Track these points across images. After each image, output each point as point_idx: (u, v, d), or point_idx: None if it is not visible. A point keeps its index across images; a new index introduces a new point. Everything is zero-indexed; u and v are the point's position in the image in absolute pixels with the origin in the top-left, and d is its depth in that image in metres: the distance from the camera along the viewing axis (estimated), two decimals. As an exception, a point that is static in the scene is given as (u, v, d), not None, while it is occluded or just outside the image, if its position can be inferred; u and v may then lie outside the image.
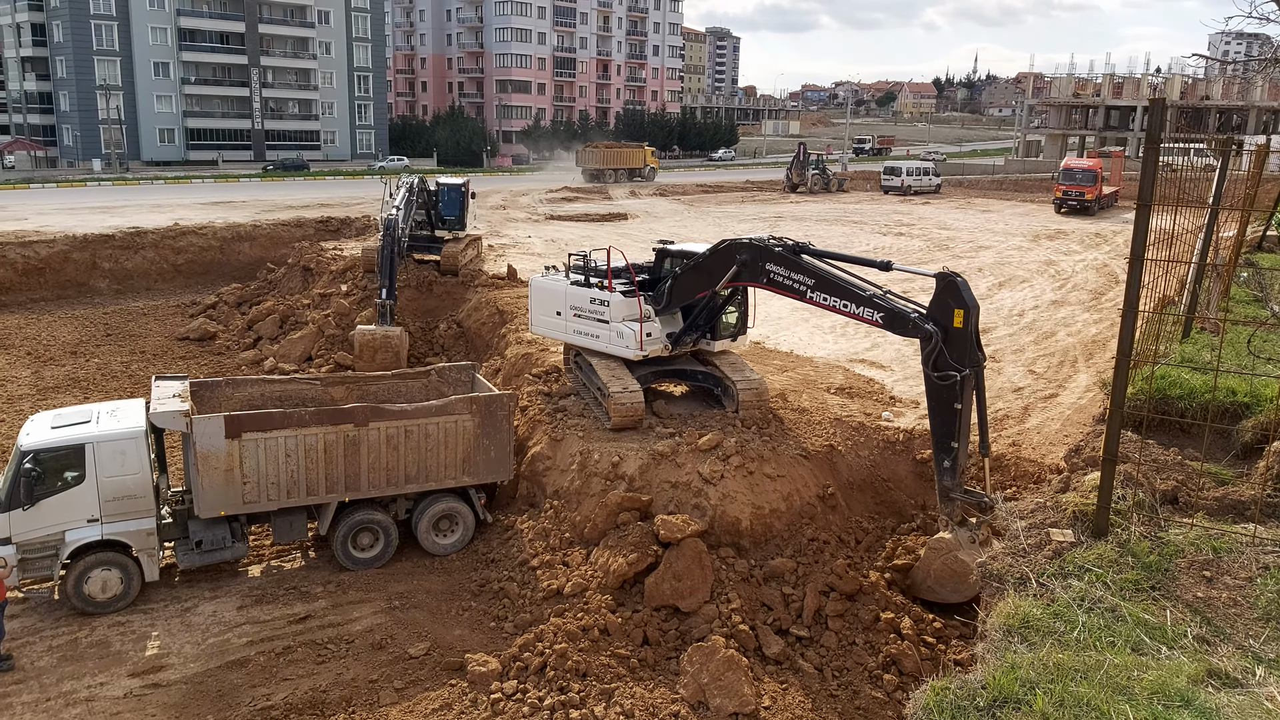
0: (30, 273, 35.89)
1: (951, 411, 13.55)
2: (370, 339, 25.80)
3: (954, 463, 13.76)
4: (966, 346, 13.28)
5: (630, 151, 78.17)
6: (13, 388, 25.42)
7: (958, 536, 13.95)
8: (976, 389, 13.57)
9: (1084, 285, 31.89)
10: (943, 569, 14.24)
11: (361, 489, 16.14)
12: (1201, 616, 7.19)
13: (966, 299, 13.24)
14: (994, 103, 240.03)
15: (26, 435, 14.93)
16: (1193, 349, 14.39)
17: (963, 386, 13.40)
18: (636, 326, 17.08)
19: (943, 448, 13.83)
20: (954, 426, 13.60)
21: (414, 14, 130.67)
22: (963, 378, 13.32)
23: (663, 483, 15.64)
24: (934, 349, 13.36)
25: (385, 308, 26.28)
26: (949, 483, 13.90)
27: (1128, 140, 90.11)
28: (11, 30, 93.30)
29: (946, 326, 13.31)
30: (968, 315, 13.21)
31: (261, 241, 41.17)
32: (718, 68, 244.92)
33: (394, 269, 26.55)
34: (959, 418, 13.54)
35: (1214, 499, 9.38)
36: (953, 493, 13.94)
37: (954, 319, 13.25)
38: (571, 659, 12.96)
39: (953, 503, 14.05)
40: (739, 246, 15.79)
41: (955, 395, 13.40)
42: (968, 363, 13.29)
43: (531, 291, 19.52)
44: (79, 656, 13.62)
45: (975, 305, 13.37)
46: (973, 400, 13.61)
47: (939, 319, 13.38)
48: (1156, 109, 7.93)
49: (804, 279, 14.83)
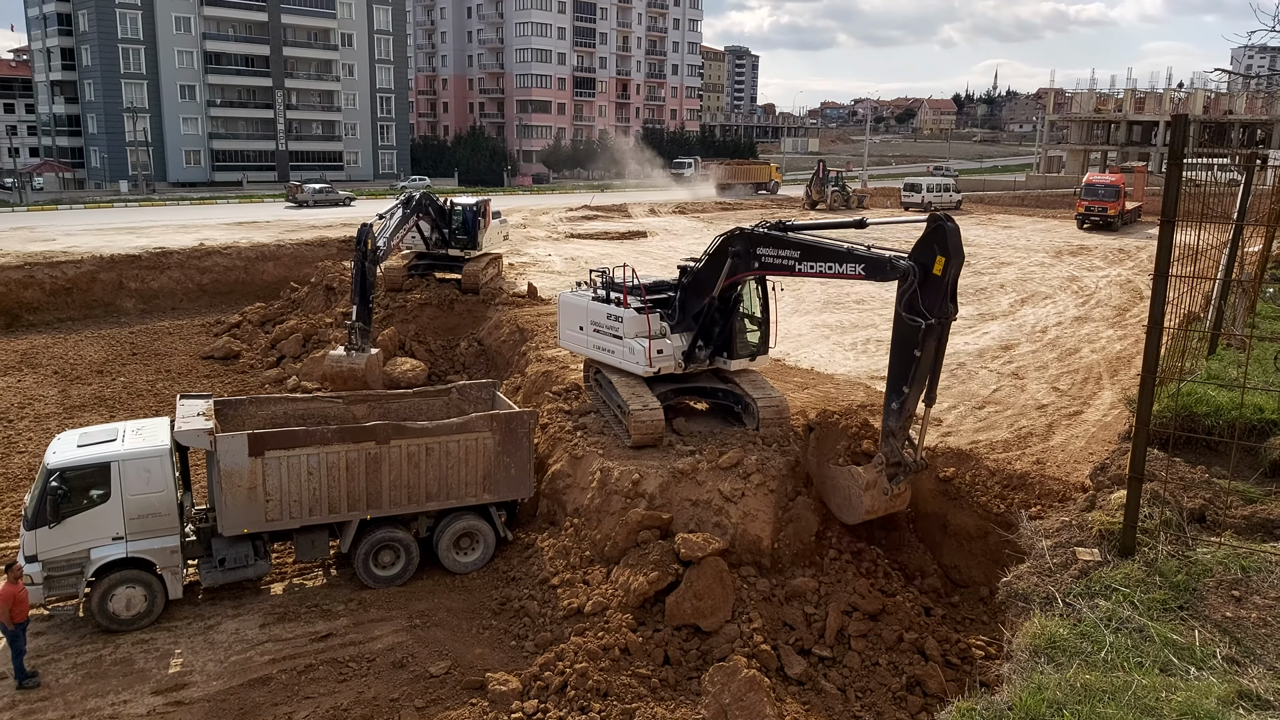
0: (58, 293, 36.40)
1: (910, 357, 13.61)
2: (334, 369, 24.39)
3: (901, 406, 13.98)
4: (940, 295, 13.22)
5: (757, 168, 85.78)
6: (40, 406, 25.73)
7: (878, 479, 14.48)
8: (939, 342, 13.66)
9: (1108, 301, 31.65)
10: (844, 493, 15.11)
11: (383, 506, 16.20)
12: (1231, 637, 7.08)
13: (950, 246, 13.15)
14: (1014, 119, 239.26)
15: (53, 453, 15.10)
16: (1219, 365, 14.21)
17: (926, 335, 13.36)
18: (647, 343, 17.20)
19: (894, 389, 14.04)
20: (909, 371, 13.69)
21: (435, 36, 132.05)
22: (927, 326, 13.27)
23: (683, 501, 15.60)
24: (909, 288, 13.37)
25: (354, 329, 24.64)
26: (893, 424, 14.18)
27: (1150, 155, 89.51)
28: (42, 55, 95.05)
29: (927, 269, 13.25)
30: (948, 263, 13.15)
31: (285, 261, 41.63)
32: (736, 86, 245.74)
33: (366, 284, 24.94)
34: (915, 365, 13.57)
35: (1242, 517, 9.23)
36: (894, 435, 14.21)
37: (935, 264, 13.21)
38: (592, 678, 12.91)
39: (891, 445, 14.29)
40: (730, 239, 16.23)
41: (917, 341, 13.40)
42: (937, 312, 13.24)
43: (560, 307, 19.82)
44: (103, 674, 13.71)
45: (959, 255, 13.28)
46: (934, 353, 13.70)
47: (920, 259, 13.38)
48: (1179, 124, 7.87)
49: (791, 253, 15.24)
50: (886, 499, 14.73)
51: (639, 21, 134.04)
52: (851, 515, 15.19)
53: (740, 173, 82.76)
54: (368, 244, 25.39)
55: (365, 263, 25.20)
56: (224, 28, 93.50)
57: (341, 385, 24.54)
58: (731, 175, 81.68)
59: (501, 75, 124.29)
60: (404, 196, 29.36)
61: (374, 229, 26.06)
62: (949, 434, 18.32)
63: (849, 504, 15.12)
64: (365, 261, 25.21)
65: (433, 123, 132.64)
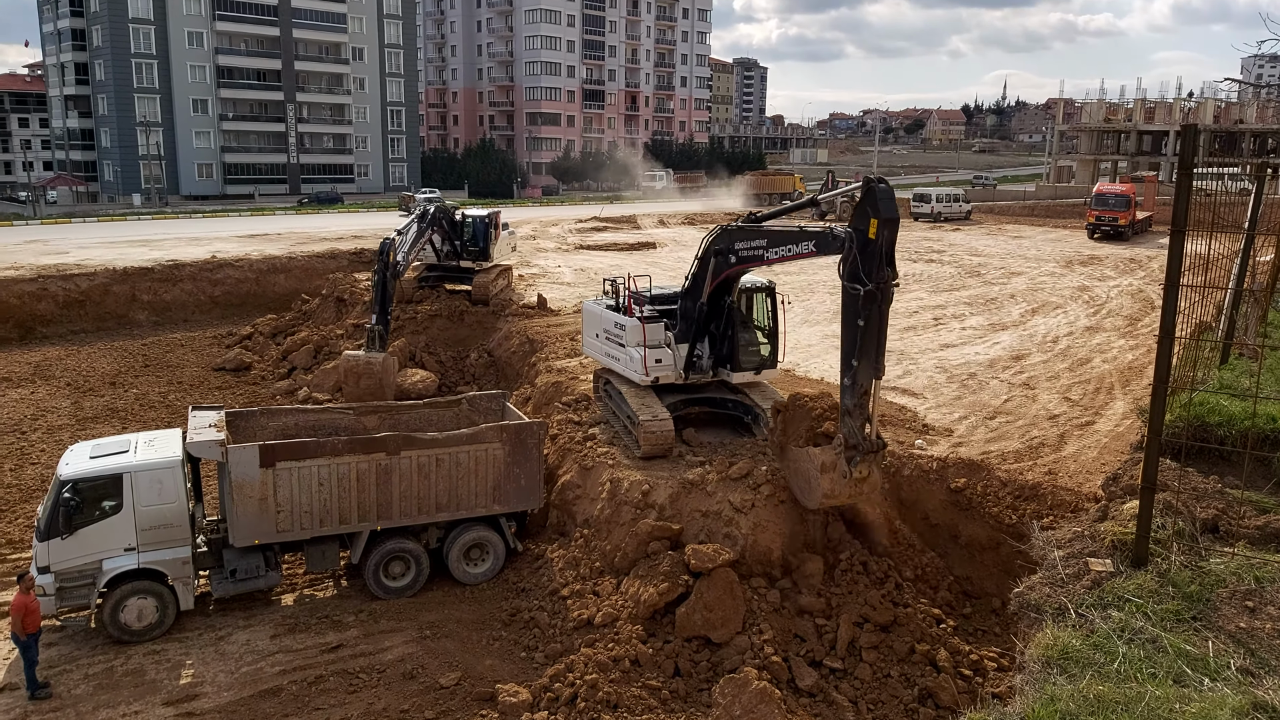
0: (71, 305, 36.63)
1: (854, 327, 13.39)
2: (352, 365, 25.30)
3: (853, 381, 13.60)
4: (876, 259, 13.01)
5: (783, 179, 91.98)
6: (53, 418, 25.87)
7: (837, 461, 14.00)
8: (881, 310, 13.34)
9: (1119, 311, 31.53)
10: (804, 476, 14.64)
11: (393, 517, 16.22)
12: (1245, 648, 7.02)
13: (882, 209, 12.96)
14: (1024, 129, 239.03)
15: (65, 465, 15.18)
16: (1231, 375, 14.14)
17: (866, 302, 13.16)
18: (644, 352, 17.29)
19: (845, 364, 13.77)
20: (853, 343, 13.46)
21: (446, 49, 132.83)
22: (866, 293, 13.08)
23: (693, 511, 15.58)
24: (849, 256, 13.25)
25: (374, 333, 25.80)
26: (849, 402, 13.78)
27: (1161, 165, 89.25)
28: (56, 70, 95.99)
29: (864, 235, 13.09)
30: (880, 226, 12.95)
31: (296, 273, 41.82)
32: (745, 97, 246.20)
33: (386, 295, 25.90)
34: (859, 335, 13.33)
35: (1255, 528, 9.17)
36: (850, 414, 13.82)
37: (870, 228, 13.03)
38: (602, 690, 12.88)
39: (848, 424, 13.90)
40: (714, 238, 16.57)
41: (860, 310, 13.23)
42: (875, 277, 13.03)
43: (584, 314, 20.29)
44: (114, 685, 13.74)
45: (892, 217, 13.06)
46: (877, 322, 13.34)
47: (857, 225, 13.20)
48: (1189, 133, 7.86)
49: (760, 242, 15.51)
50: (847, 484, 14.08)
51: (647, 34, 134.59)
52: (810, 499, 14.63)
53: (767, 183, 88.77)
54: (389, 256, 26.00)
55: (386, 274, 25.88)
56: (236, 42, 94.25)
57: (356, 381, 24.99)
58: (760, 186, 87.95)
59: (511, 88, 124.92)
60: (419, 210, 29.56)
61: (395, 243, 26.59)
62: (960, 444, 18.26)
63: (808, 487, 14.59)
64: (386, 274, 25.88)
65: (443, 135, 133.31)
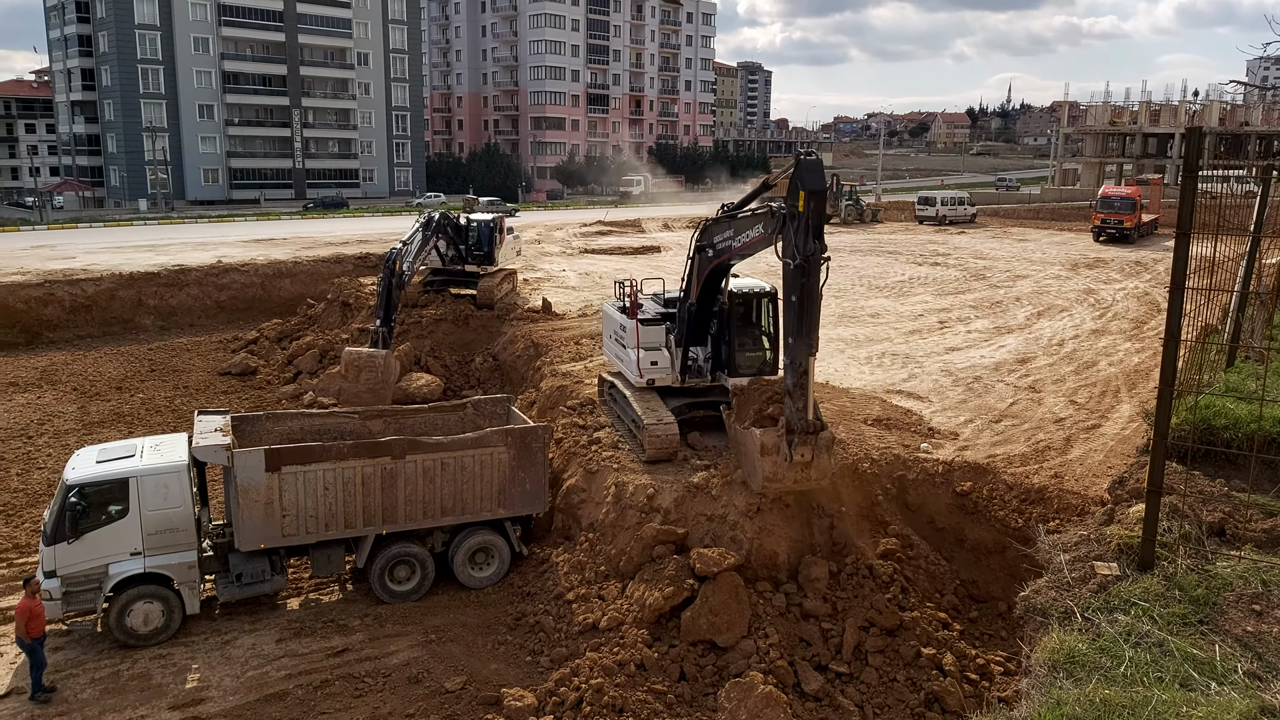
0: (77, 310, 36.75)
1: (789, 303, 13.43)
2: (354, 359, 26.12)
3: (792, 360, 13.63)
4: (805, 232, 13.02)
5: None
6: (59, 422, 25.94)
7: (779, 444, 14.02)
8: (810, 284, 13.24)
9: (1125, 314, 31.47)
10: (749, 459, 14.70)
11: (398, 521, 16.23)
12: (1252, 652, 7.00)
13: (808, 180, 12.96)
14: (1029, 131, 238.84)
15: (72, 469, 15.22)
16: (1237, 378, 14.10)
17: (794, 276, 13.15)
18: (640, 353, 17.41)
19: (784, 343, 13.86)
20: (789, 320, 13.56)
21: (450, 54, 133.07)
22: (795, 266, 13.08)
23: (698, 515, 15.56)
24: (782, 230, 13.29)
25: (378, 334, 26.58)
26: (789, 381, 13.81)
27: (1166, 167, 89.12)
28: (62, 75, 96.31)
29: (794, 208, 13.13)
30: (808, 199, 12.95)
31: (301, 278, 41.91)
32: (749, 101, 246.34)
33: (390, 302, 26.71)
34: (792, 311, 13.38)
35: (1262, 531, 9.14)
36: (790, 395, 13.84)
37: (799, 201, 13.05)
38: (608, 694, 12.86)
39: (789, 404, 13.92)
40: (697, 235, 16.66)
41: (791, 286, 13.26)
42: (803, 249, 13.00)
43: (604, 316, 20.57)
44: (120, 689, 13.76)
45: (818, 189, 13.03)
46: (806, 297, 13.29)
47: (789, 200, 13.24)
48: (1194, 135, 7.85)
49: (729, 232, 15.56)
50: (789, 468, 13.98)
51: (652, 38, 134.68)
52: (754, 481, 14.63)
53: None
54: (396, 264, 26.60)
55: (392, 282, 26.52)
56: (242, 48, 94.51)
57: (357, 375, 25.54)
58: None
59: (516, 92, 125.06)
60: (424, 218, 29.72)
61: (402, 251, 27.14)
62: (966, 448, 18.23)
63: (752, 469, 14.57)
64: (392, 281, 26.52)
65: (448, 140, 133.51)
